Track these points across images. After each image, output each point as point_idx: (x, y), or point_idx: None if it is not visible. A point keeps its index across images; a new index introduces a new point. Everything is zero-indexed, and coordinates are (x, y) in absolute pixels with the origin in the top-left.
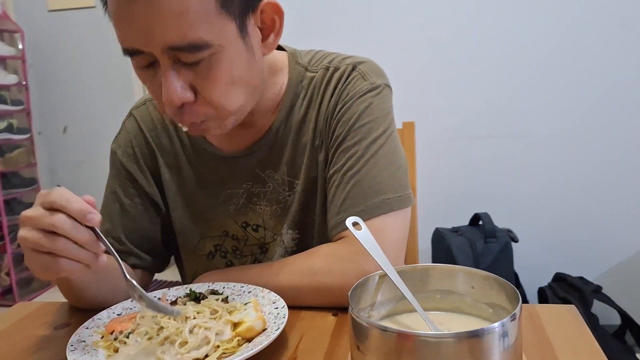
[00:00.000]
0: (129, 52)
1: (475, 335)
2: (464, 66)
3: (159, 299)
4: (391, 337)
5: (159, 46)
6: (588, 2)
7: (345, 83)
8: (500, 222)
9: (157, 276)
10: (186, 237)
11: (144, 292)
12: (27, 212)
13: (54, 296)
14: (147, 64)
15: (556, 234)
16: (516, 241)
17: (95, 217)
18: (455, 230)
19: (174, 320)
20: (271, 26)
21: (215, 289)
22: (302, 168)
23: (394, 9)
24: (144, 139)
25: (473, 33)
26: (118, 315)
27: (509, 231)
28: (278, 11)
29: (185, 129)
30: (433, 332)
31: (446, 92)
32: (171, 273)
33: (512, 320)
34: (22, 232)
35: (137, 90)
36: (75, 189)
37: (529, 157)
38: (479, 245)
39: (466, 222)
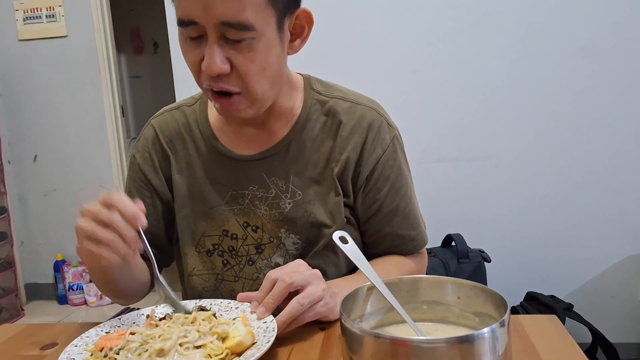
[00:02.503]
0: (184, 22)
1: (465, 341)
2: (430, 91)
3: (148, 316)
4: (385, 343)
5: (213, 20)
6: (550, 27)
7: (378, 130)
8: (472, 242)
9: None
10: (189, 235)
11: (170, 293)
12: (87, 206)
13: None
14: (196, 35)
15: (527, 254)
16: (489, 261)
17: (142, 221)
18: (428, 251)
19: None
20: (300, 32)
21: (203, 306)
22: (308, 181)
23: (361, 35)
24: (159, 144)
25: (439, 57)
26: (106, 333)
27: (481, 251)
28: (309, 21)
29: (217, 105)
30: (426, 338)
31: (412, 117)
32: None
33: (501, 327)
34: (81, 222)
35: (109, 119)
36: (45, 217)
37: (496, 179)
38: (452, 265)
39: (438, 243)
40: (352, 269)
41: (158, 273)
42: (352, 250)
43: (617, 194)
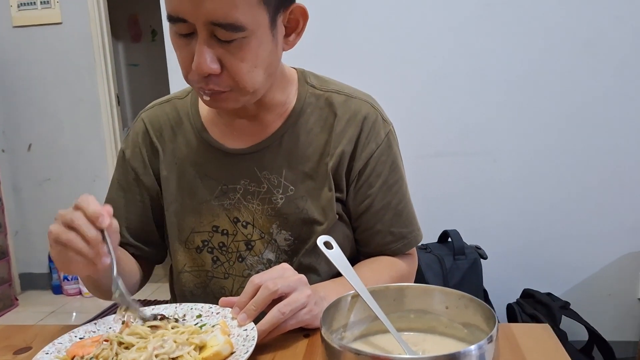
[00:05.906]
0: (174, 19)
1: (452, 359)
2: (429, 84)
3: (124, 322)
4: None
5: (202, 19)
6: (552, 20)
7: (373, 124)
8: (468, 238)
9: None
10: (178, 231)
11: (125, 291)
12: (60, 210)
13: (13, 318)
14: (186, 32)
15: (524, 251)
16: (485, 258)
17: (105, 221)
18: (423, 247)
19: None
20: (295, 27)
21: (164, 314)
22: (301, 176)
23: (360, 28)
24: (149, 139)
25: (439, 51)
26: (80, 339)
27: (478, 248)
28: (304, 15)
29: (206, 98)
30: (408, 356)
31: (410, 110)
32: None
33: (489, 342)
34: (51, 226)
35: (104, 108)
36: (39, 207)
37: (494, 175)
38: (448, 262)
39: (435, 239)
40: None
41: (117, 279)
42: (336, 256)
43: (615, 191)
